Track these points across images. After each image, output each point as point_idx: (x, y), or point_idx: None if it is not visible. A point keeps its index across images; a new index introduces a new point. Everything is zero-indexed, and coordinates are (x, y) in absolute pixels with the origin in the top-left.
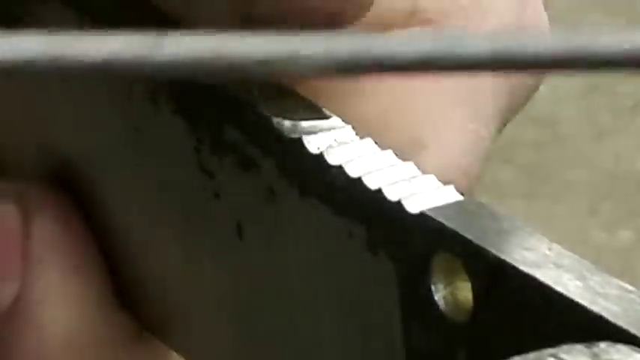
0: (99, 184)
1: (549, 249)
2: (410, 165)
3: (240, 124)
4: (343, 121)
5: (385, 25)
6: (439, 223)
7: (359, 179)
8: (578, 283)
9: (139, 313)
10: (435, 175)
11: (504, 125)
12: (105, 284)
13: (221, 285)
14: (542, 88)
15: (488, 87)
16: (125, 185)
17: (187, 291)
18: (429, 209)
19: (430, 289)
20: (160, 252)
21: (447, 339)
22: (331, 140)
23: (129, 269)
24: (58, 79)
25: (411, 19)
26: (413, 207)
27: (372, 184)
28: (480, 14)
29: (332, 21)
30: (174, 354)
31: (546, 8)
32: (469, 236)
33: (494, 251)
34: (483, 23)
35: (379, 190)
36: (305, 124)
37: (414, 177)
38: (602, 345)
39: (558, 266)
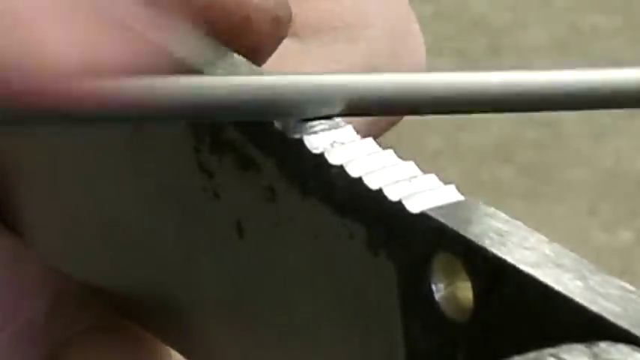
0: (98, 184)
1: (549, 249)
2: (410, 165)
3: (240, 124)
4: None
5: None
6: (439, 223)
7: (359, 179)
8: (578, 282)
9: (139, 312)
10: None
11: None
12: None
13: (221, 284)
14: None
15: None
16: (125, 185)
17: (187, 290)
18: (430, 209)
19: (430, 289)
20: (160, 251)
21: (447, 339)
22: (331, 140)
23: (128, 269)
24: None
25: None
26: (413, 207)
27: (372, 184)
28: (350, 38)
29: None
30: (175, 354)
31: (546, 8)
32: (469, 236)
33: (494, 251)
34: (353, 48)
35: (380, 190)
36: (305, 124)
37: (414, 177)
38: (603, 345)
39: (558, 266)
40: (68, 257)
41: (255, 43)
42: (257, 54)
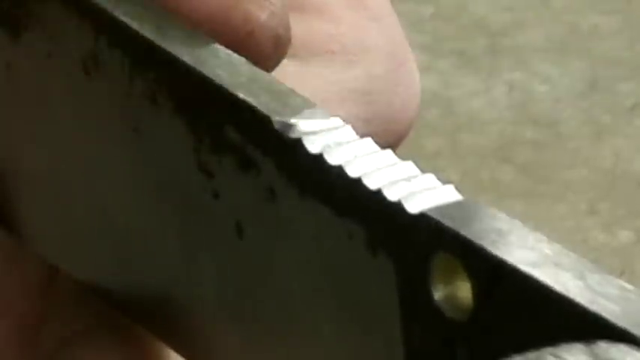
0: (98, 183)
1: (549, 248)
2: (409, 165)
3: (240, 124)
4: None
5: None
6: (439, 223)
7: (359, 179)
8: (577, 282)
9: (139, 312)
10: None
11: None
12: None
13: (221, 284)
14: (542, 88)
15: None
16: (125, 185)
17: (187, 290)
18: (429, 209)
19: (430, 289)
20: (160, 252)
21: (446, 339)
22: (331, 140)
23: (128, 268)
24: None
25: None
26: (413, 207)
27: (371, 184)
28: (347, 62)
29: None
30: (174, 354)
31: (545, 8)
32: (469, 236)
33: (494, 251)
34: (350, 71)
35: (379, 191)
36: (305, 124)
37: (413, 177)
38: (602, 344)
39: (558, 266)
40: (68, 256)
41: (255, 59)
42: None
